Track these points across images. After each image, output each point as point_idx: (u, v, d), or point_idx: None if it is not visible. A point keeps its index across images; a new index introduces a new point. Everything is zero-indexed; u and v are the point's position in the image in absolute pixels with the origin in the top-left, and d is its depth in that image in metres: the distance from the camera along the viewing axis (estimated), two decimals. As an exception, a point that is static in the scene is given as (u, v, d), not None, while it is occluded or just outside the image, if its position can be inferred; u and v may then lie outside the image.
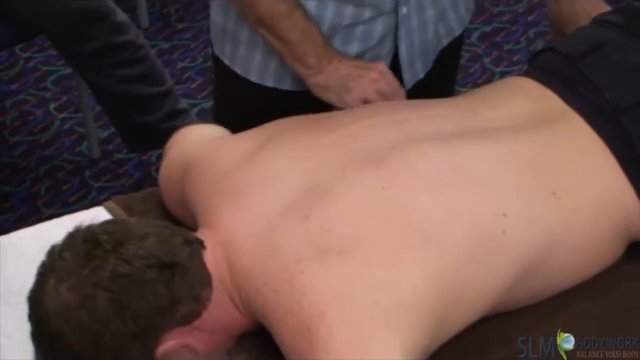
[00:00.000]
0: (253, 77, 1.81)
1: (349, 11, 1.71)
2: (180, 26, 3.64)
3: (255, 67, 1.81)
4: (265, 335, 1.36)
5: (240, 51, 1.81)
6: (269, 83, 1.81)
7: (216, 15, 1.84)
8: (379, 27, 1.74)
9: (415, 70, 1.81)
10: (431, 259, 1.32)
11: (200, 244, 1.37)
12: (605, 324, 1.45)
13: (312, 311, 1.27)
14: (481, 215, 1.38)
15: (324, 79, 1.70)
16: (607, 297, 1.49)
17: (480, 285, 1.36)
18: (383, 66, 1.72)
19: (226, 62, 1.85)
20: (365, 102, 1.67)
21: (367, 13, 1.71)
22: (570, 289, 1.48)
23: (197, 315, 1.33)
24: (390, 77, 1.71)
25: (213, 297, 1.35)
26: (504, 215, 1.38)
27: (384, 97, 1.68)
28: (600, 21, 1.75)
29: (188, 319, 1.32)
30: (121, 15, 2.75)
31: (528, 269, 1.39)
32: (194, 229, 1.46)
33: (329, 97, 1.71)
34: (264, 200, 1.40)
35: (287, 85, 1.80)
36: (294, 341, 1.29)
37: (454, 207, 1.38)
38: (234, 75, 1.84)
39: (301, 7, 1.68)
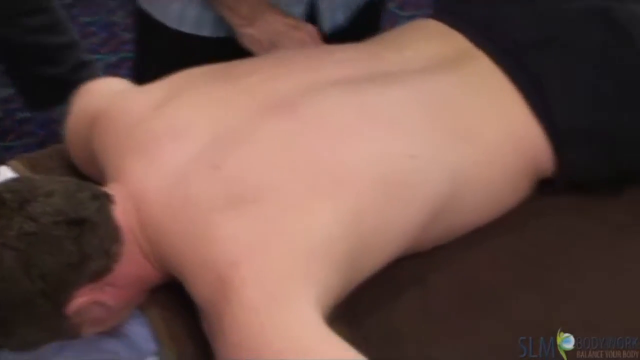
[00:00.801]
0: (172, 24, 1.79)
1: None
2: (82, -21, 3.58)
3: (174, 12, 1.78)
4: (178, 288, 1.35)
5: None
6: (188, 29, 1.79)
7: None
8: None
9: (336, 17, 1.79)
10: (344, 203, 1.31)
11: (109, 199, 1.35)
12: (517, 259, 1.48)
13: (226, 262, 1.26)
14: (391, 157, 1.38)
15: (255, 31, 1.69)
16: (519, 233, 1.51)
17: (393, 226, 1.36)
18: (313, 28, 1.71)
19: (144, 7, 1.82)
20: None
21: None
22: (482, 226, 1.49)
23: (109, 270, 1.31)
24: (318, 41, 1.70)
25: (124, 252, 1.33)
26: (413, 156, 1.38)
27: None
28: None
29: (99, 275, 1.30)
30: None
31: (439, 208, 1.40)
32: (103, 184, 1.43)
33: (256, 50, 1.70)
34: (174, 151, 1.38)
35: (206, 32, 1.78)
36: (208, 293, 1.27)
37: (364, 151, 1.37)
38: (155, 24, 1.81)
39: None
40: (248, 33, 1.70)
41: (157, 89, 1.52)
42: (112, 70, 3.11)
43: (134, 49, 2.04)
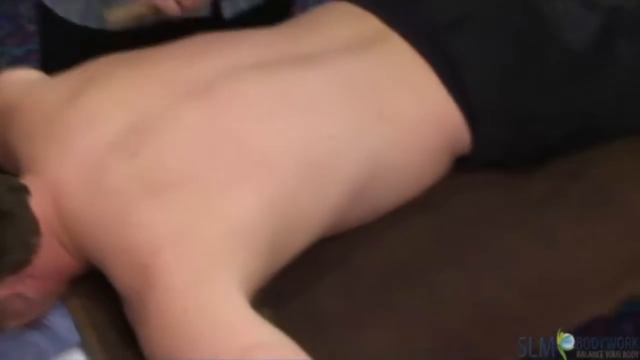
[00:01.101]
0: (75, 18, 1.74)
1: None
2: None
3: (76, 8, 1.73)
4: (99, 278, 1.33)
5: None
6: (92, 23, 1.73)
7: None
8: None
9: (239, 4, 1.77)
10: (264, 187, 1.31)
11: (26, 191, 1.33)
12: (437, 236, 1.49)
13: (148, 249, 1.25)
14: (309, 138, 1.38)
15: None
16: (438, 210, 1.52)
17: (315, 208, 1.36)
18: None
19: (47, 3, 1.77)
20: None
21: None
22: (402, 205, 1.50)
23: (28, 262, 1.29)
24: None
25: (43, 244, 1.31)
26: (332, 137, 1.39)
27: None
28: None
29: (18, 267, 1.29)
30: None
31: (359, 189, 1.41)
32: (18, 175, 1.41)
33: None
34: (89, 140, 1.36)
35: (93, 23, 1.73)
36: (131, 280, 1.26)
37: (283, 133, 1.37)
38: (59, 20, 1.76)
39: None
40: None
41: (71, 77, 1.50)
42: (19, 63, 3.05)
43: (40, 43, 2.00)
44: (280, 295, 1.36)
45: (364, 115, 1.44)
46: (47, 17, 1.80)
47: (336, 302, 1.41)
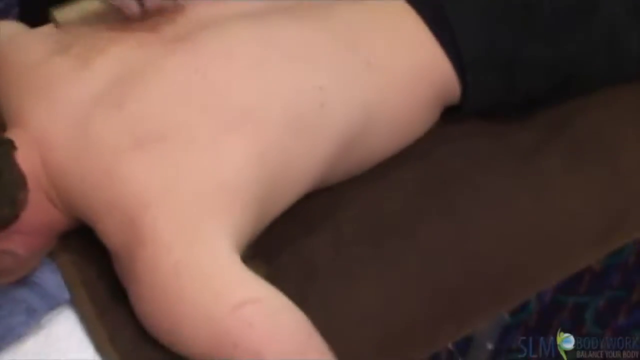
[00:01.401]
0: None
1: None
2: None
3: None
4: (88, 233, 1.33)
5: None
6: None
7: None
8: None
9: None
10: (252, 139, 1.30)
11: (12, 145, 1.31)
12: (426, 186, 1.49)
13: (135, 203, 1.24)
14: (298, 90, 1.37)
15: None
16: (426, 161, 1.52)
17: (304, 160, 1.35)
18: None
19: None
20: None
21: None
22: (392, 155, 1.50)
23: (15, 218, 1.28)
24: None
25: (30, 199, 1.30)
26: (321, 88, 1.37)
27: None
28: None
29: (5, 224, 1.27)
30: None
31: (349, 140, 1.39)
32: (3, 129, 1.40)
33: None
34: (75, 92, 1.35)
35: None
36: (120, 235, 1.26)
37: (271, 85, 1.36)
38: None
39: None
40: None
41: (53, 30, 1.48)
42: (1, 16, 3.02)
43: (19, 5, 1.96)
44: (270, 249, 1.36)
45: (352, 65, 1.42)
46: None
47: (326, 254, 1.41)
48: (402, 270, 1.41)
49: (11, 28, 1.59)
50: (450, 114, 1.55)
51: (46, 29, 1.49)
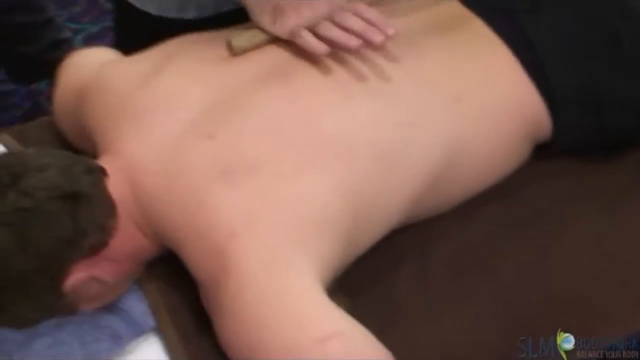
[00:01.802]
0: (152, 9, 1.74)
1: None
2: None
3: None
4: (174, 261, 1.34)
5: None
6: (170, 13, 1.73)
7: None
8: None
9: None
10: (339, 172, 1.30)
11: (103, 172, 1.33)
12: (512, 226, 1.48)
13: (223, 232, 1.25)
14: (385, 125, 1.37)
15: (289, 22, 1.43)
16: (515, 199, 1.50)
17: (390, 196, 1.35)
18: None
19: None
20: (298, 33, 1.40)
21: None
22: (481, 193, 1.49)
23: (104, 245, 1.30)
24: (337, 0, 1.44)
25: (119, 226, 1.31)
26: (408, 124, 1.37)
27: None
28: None
29: (95, 250, 1.29)
30: None
31: (436, 176, 1.39)
32: (95, 156, 1.41)
33: (262, 22, 1.45)
34: (167, 120, 1.36)
35: (190, 14, 1.72)
36: (206, 264, 1.26)
37: (358, 119, 1.36)
38: (133, 9, 1.76)
39: None
40: (250, 1, 1.46)
41: (147, 57, 1.50)
42: (94, 40, 3.08)
43: (114, 28, 1.99)
44: (354, 284, 1.36)
45: (439, 100, 1.42)
46: (122, 5, 1.79)
47: (409, 290, 1.40)
48: (485, 308, 1.39)
49: (105, 55, 1.62)
50: (541, 151, 1.54)
51: (142, 55, 1.51)
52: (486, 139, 1.45)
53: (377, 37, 1.38)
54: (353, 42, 1.38)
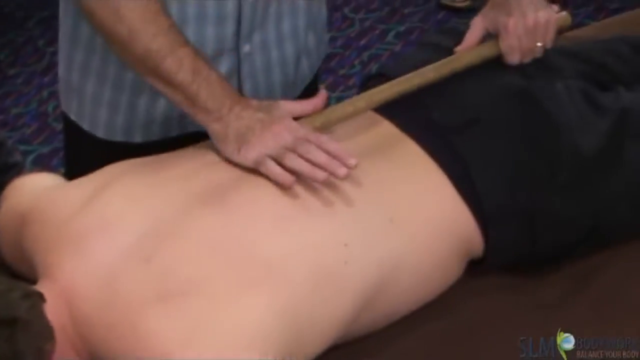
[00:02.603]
0: (100, 133, 1.74)
1: None
2: (11, 72, 3.55)
3: (102, 123, 1.73)
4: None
5: (87, 107, 1.73)
6: (118, 137, 1.73)
7: (61, 68, 1.75)
8: (223, 66, 1.63)
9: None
10: (275, 292, 1.32)
11: (41, 297, 1.34)
12: (449, 341, 1.48)
13: (158, 355, 1.25)
14: (323, 246, 1.39)
15: (223, 127, 1.47)
16: (454, 315, 1.52)
17: (327, 314, 1.36)
18: (291, 122, 1.48)
19: (73, 117, 1.77)
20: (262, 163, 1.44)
21: (208, 50, 1.59)
22: (417, 309, 1.50)
23: (41, 368, 1.30)
24: (300, 132, 1.46)
25: (56, 350, 1.32)
26: (345, 245, 1.40)
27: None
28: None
29: (32, 374, 1.29)
30: None
31: (372, 295, 1.41)
32: (34, 280, 1.43)
33: (226, 150, 1.48)
34: (104, 245, 1.38)
35: (137, 138, 1.72)
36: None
37: (296, 239, 1.38)
38: (82, 131, 1.77)
39: (189, 43, 1.48)
40: (216, 129, 1.48)
41: (87, 181, 1.51)
42: (44, 160, 3.09)
43: (64, 153, 1.98)
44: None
45: (375, 222, 1.44)
46: (71, 128, 1.80)
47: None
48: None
49: (44, 180, 1.64)
50: (474, 267, 1.56)
51: (83, 180, 1.52)
52: (420, 258, 1.47)
53: (341, 171, 1.42)
54: (319, 175, 1.42)
